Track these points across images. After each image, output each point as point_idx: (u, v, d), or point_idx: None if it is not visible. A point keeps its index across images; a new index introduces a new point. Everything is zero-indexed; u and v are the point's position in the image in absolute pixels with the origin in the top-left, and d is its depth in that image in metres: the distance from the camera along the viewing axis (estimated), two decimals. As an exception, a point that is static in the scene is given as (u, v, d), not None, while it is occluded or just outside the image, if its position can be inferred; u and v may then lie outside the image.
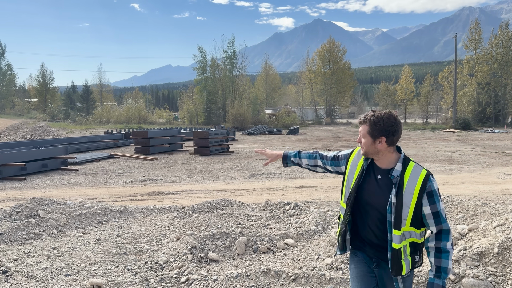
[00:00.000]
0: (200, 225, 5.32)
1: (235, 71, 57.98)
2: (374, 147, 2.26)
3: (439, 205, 2.20)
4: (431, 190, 2.19)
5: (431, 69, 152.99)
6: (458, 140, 29.10)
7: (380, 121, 2.22)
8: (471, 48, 49.68)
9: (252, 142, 28.15)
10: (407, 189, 2.18)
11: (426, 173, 2.21)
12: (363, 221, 2.34)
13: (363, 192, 2.31)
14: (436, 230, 2.21)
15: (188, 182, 11.95)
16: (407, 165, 2.23)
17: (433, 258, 2.23)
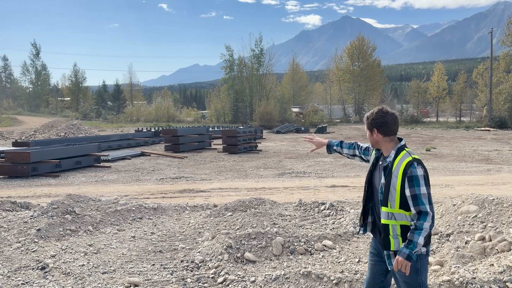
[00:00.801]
0: (235, 224, 5.23)
1: (262, 70, 57.82)
2: (373, 138, 2.68)
3: (419, 189, 2.45)
4: (411, 175, 2.47)
5: (464, 66, 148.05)
6: (494, 139, 27.94)
7: (371, 116, 2.69)
8: (508, 44, 47.54)
9: (279, 140, 27.96)
10: (393, 172, 2.54)
11: (410, 160, 2.52)
12: (374, 204, 2.75)
13: (372, 178, 2.75)
14: (415, 211, 2.47)
15: (218, 180, 11.92)
16: (399, 153, 2.59)
17: (409, 233, 2.48)
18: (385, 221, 2.55)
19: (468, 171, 13.52)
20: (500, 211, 4.19)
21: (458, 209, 4.54)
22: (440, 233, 4.22)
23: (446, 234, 4.17)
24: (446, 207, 4.89)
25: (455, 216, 4.49)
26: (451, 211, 4.66)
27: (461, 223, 4.28)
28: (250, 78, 57.35)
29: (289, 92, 62.91)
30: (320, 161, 16.24)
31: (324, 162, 15.75)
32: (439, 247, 3.98)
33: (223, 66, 60.14)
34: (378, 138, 2.64)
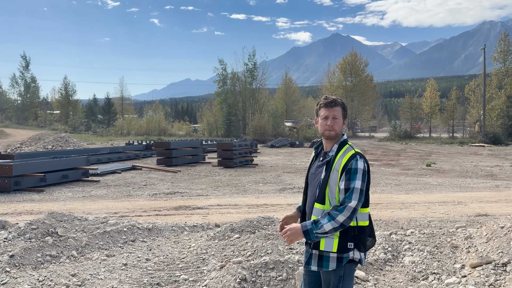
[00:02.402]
0: (245, 249, 4.48)
1: (256, 84, 57.50)
2: (341, 128, 2.48)
3: (354, 183, 2.30)
4: (351, 167, 2.33)
5: (452, 83, 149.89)
6: (491, 155, 27.61)
7: (345, 105, 2.54)
8: (500, 60, 47.95)
9: (274, 154, 27.30)
10: (335, 166, 2.37)
11: (354, 153, 2.38)
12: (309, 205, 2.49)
13: (308, 176, 2.56)
14: (340, 202, 2.30)
15: (215, 195, 11.15)
16: (342, 147, 2.43)
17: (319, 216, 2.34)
18: (315, 217, 2.35)
19: (476, 188, 12.93)
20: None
21: (510, 233, 3.88)
22: (494, 262, 3.56)
23: (502, 264, 3.50)
24: (491, 229, 4.23)
25: (507, 241, 3.83)
26: (499, 234, 4.00)
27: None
28: (243, 92, 56.96)
29: (282, 106, 62.56)
30: (321, 176, 15.55)
31: (325, 177, 15.06)
32: (499, 281, 3.30)
33: (216, 80, 59.73)
34: (341, 129, 2.49)
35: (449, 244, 4.46)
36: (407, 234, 5.21)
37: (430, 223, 7.93)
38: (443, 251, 4.35)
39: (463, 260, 3.98)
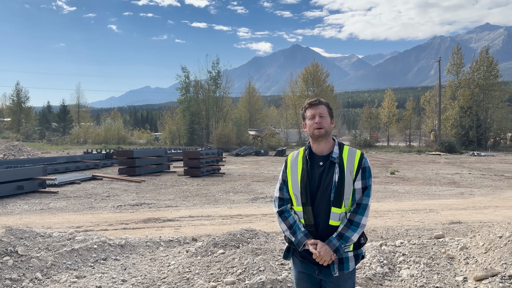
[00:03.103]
0: (233, 267, 4.11)
1: (219, 92, 57.08)
2: (330, 127, 2.45)
3: (370, 181, 2.38)
4: (365, 166, 2.37)
5: (406, 94, 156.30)
6: (448, 163, 28.68)
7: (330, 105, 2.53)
8: (453, 73, 50.39)
9: (241, 163, 26.97)
10: (347, 168, 2.33)
11: (361, 153, 2.42)
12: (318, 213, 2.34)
13: (311, 179, 2.36)
14: (357, 202, 2.33)
15: (186, 206, 10.65)
16: (342, 148, 2.41)
17: (343, 226, 2.30)
18: (335, 222, 2.32)
19: (443, 195, 13.20)
20: None
21: (510, 243, 3.77)
22: (500, 274, 3.41)
23: (509, 276, 3.37)
24: (487, 239, 4.13)
25: (508, 251, 3.71)
26: (499, 244, 3.89)
27: (521, 261, 3.50)
28: (206, 100, 56.36)
29: (246, 115, 62.48)
30: (290, 185, 15.38)
31: (295, 186, 14.90)
32: (510, 295, 3.15)
33: (178, 87, 58.76)
34: (331, 128, 2.47)
35: (445, 255, 4.32)
36: (397, 245, 5.03)
37: (408, 231, 7.88)
38: (440, 263, 4.19)
39: (464, 272, 3.83)
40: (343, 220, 2.32)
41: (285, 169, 2.50)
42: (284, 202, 2.46)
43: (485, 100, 48.21)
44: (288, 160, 2.51)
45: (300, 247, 2.34)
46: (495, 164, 27.12)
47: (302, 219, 2.38)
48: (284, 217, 2.41)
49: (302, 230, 2.34)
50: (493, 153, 40.42)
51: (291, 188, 2.42)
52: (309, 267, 2.38)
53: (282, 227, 2.43)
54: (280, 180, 2.50)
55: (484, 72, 48.24)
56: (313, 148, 2.44)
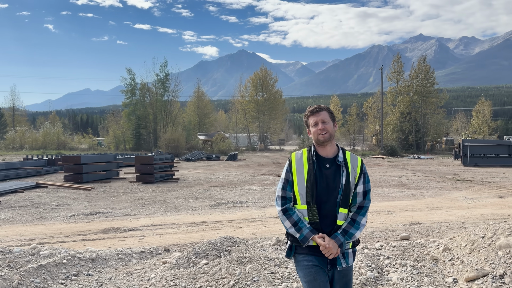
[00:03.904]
0: (223, 278, 3.89)
1: (168, 95, 55.77)
2: (334, 131, 2.53)
3: (369, 185, 2.55)
4: (365, 172, 2.54)
5: (347, 100, 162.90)
6: (392, 166, 30.05)
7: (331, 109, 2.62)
8: (394, 80, 53.19)
9: (193, 168, 26.46)
10: (352, 172, 2.48)
11: (361, 159, 2.57)
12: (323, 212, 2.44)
13: (318, 180, 2.44)
14: (359, 205, 2.49)
15: (145, 215, 10.16)
16: (345, 153, 2.55)
17: (346, 224, 2.45)
18: (341, 222, 2.47)
19: (396, 197, 13.74)
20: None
21: (494, 243, 3.91)
22: (490, 274, 3.51)
23: (499, 275, 3.47)
24: (470, 240, 4.26)
25: (493, 251, 3.84)
26: (483, 245, 4.02)
27: (508, 260, 3.62)
28: (154, 104, 54.83)
29: (195, 119, 61.60)
30: (249, 189, 15.27)
31: (254, 190, 14.81)
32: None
33: (123, 90, 56.65)
34: (334, 132, 2.55)
35: (429, 257, 4.40)
36: (378, 248, 5.08)
37: (373, 233, 8.05)
38: (426, 265, 4.26)
39: (451, 273, 3.92)
40: (346, 220, 2.47)
41: (290, 168, 2.54)
42: (287, 200, 2.50)
43: (423, 106, 51.31)
44: (292, 160, 2.55)
45: (305, 243, 2.42)
46: (435, 167, 28.84)
47: (306, 217, 2.46)
48: (288, 215, 2.46)
49: (307, 226, 2.42)
50: (431, 156, 43.04)
51: (297, 187, 2.48)
52: (320, 260, 2.47)
53: (286, 225, 2.48)
54: (283, 179, 2.54)
55: (422, 79, 51.36)
56: (318, 151, 2.52)
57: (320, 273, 2.44)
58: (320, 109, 2.56)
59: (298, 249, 2.49)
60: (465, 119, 74.42)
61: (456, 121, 74.79)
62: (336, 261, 2.44)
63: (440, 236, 7.73)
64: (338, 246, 2.38)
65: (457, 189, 15.88)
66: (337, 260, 2.44)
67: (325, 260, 2.45)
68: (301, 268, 2.48)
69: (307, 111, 2.60)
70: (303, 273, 2.47)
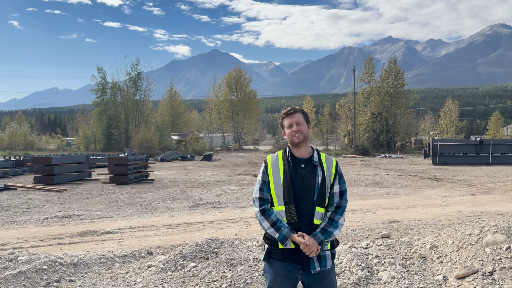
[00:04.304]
0: (214, 281, 3.80)
1: (140, 95, 54.74)
2: (308, 132, 2.57)
3: (345, 185, 2.58)
4: (340, 172, 2.57)
5: (319, 101, 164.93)
6: (364, 165, 30.60)
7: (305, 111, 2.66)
8: (365, 81, 54.23)
9: (168, 169, 26.08)
10: (327, 172, 2.51)
11: (336, 160, 2.61)
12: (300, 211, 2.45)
13: (294, 181, 2.47)
14: (336, 205, 2.51)
15: (122, 217, 9.90)
16: (319, 154, 2.60)
17: (325, 223, 2.46)
18: (318, 221, 2.48)
19: (372, 195, 13.95)
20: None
21: (481, 240, 3.99)
22: (480, 271, 3.57)
23: (489, 272, 3.53)
24: (457, 237, 4.33)
25: (480, 248, 3.92)
26: (470, 242, 4.10)
27: (495, 257, 3.71)
28: (125, 103, 53.70)
29: (168, 119, 60.75)
30: (227, 189, 15.16)
31: (232, 191, 14.71)
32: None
33: (93, 89, 55.25)
34: (309, 133, 2.60)
35: (417, 255, 4.46)
36: (365, 246, 5.11)
37: (354, 232, 8.13)
38: (414, 263, 4.31)
39: (441, 271, 3.97)
40: (324, 219, 2.48)
41: (266, 170, 2.56)
42: (265, 202, 2.51)
43: (393, 106, 52.53)
44: (268, 162, 2.58)
45: (284, 242, 2.40)
46: (406, 165, 29.57)
47: (284, 217, 2.46)
48: (267, 215, 2.45)
49: (286, 226, 2.41)
50: (402, 155, 44.13)
51: (273, 188, 2.49)
52: (292, 267, 2.45)
53: (265, 225, 2.46)
54: (260, 181, 2.56)
55: (392, 81, 52.58)
56: (293, 152, 2.56)
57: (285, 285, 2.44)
58: (295, 111, 2.59)
59: (274, 254, 2.49)
60: (433, 119, 76.81)
61: (425, 121, 77.05)
62: (310, 265, 2.43)
63: (419, 233, 7.90)
64: (318, 244, 2.38)
65: (430, 187, 16.30)
66: (310, 264, 2.43)
67: (296, 267, 2.44)
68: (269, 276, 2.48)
69: (282, 113, 2.63)
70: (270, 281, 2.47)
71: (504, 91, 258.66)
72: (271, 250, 2.50)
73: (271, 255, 2.50)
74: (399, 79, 52.47)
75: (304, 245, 2.35)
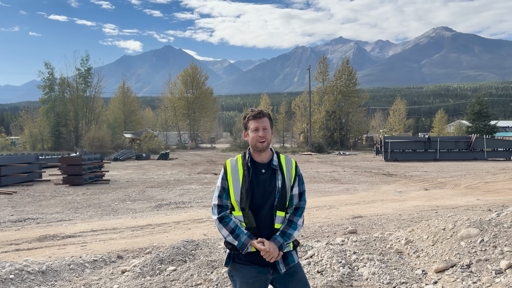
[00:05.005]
0: (198, 285, 3.67)
1: (90, 91, 52.54)
2: (271, 138, 2.54)
3: (303, 186, 2.57)
4: (299, 174, 2.56)
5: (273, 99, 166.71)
6: (321, 162, 31.32)
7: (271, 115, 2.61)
8: (320, 80, 55.49)
9: (123, 168, 25.25)
10: (287, 175, 2.48)
11: (295, 161, 2.59)
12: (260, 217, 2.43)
13: (254, 186, 2.43)
14: (295, 206, 2.50)
15: (81, 219, 9.43)
16: (279, 156, 2.56)
17: (284, 225, 2.46)
18: (278, 225, 2.46)
19: (333, 191, 14.27)
20: (505, 233, 3.94)
21: (456, 234, 4.16)
22: (458, 264, 3.72)
23: (466, 265, 3.69)
24: (431, 232, 4.49)
25: (456, 242, 4.08)
26: (445, 236, 4.26)
27: (471, 250, 3.88)
28: (75, 100, 51.37)
29: (120, 116, 58.80)
30: (189, 188, 14.90)
31: (194, 190, 14.49)
32: (477, 283, 3.43)
33: (40, 85, 52.37)
34: (271, 139, 2.57)
35: (393, 250, 4.58)
36: (340, 243, 5.18)
37: (322, 228, 8.26)
38: (392, 258, 4.43)
39: (419, 265, 4.10)
40: (284, 222, 2.48)
41: (225, 176, 2.50)
42: (224, 208, 2.47)
43: (346, 105, 54.15)
44: (227, 167, 2.52)
45: (244, 249, 2.37)
46: (360, 162, 30.58)
47: (243, 222, 2.43)
48: (225, 223, 2.41)
49: (245, 232, 2.38)
50: (355, 152, 45.61)
51: (233, 194, 2.45)
52: (261, 270, 2.43)
53: (223, 233, 2.42)
54: (219, 187, 2.50)
55: (345, 80, 54.14)
56: (254, 157, 2.52)
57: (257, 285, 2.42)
58: (263, 115, 2.53)
59: (236, 257, 2.45)
60: (383, 118, 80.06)
61: (375, 119, 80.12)
62: (277, 266, 2.43)
63: (383, 228, 8.16)
64: (278, 248, 2.37)
65: (385, 183, 16.94)
66: (277, 265, 2.42)
67: (266, 269, 2.42)
68: (237, 280, 2.43)
69: (249, 114, 2.55)
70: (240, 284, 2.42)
71: (446, 91, 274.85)
72: (233, 255, 2.46)
73: (233, 260, 2.46)
74: (351, 78, 54.14)
75: (264, 251, 2.33)
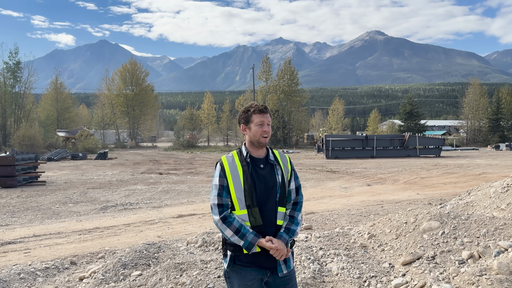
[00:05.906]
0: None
1: (20, 87, 48.72)
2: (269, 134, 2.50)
3: (298, 181, 2.56)
4: (293, 168, 2.57)
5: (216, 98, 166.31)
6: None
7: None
8: (263, 79, 56.08)
9: (58, 169, 23.76)
10: (284, 170, 2.47)
11: (288, 156, 2.60)
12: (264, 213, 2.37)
13: (255, 182, 2.37)
14: (293, 201, 2.49)
15: (20, 224, 8.70)
16: (273, 151, 2.53)
17: (286, 222, 2.43)
18: (280, 222, 2.42)
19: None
20: (463, 225, 4.18)
21: (418, 227, 4.34)
22: (424, 256, 3.87)
23: (431, 257, 3.85)
24: (393, 226, 4.65)
25: (419, 235, 4.25)
26: (408, 230, 4.42)
27: (434, 242, 4.05)
28: (2, 96, 47.39)
29: (53, 114, 55.23)
30: (134, 189, 14.33)
31: (141, 190, 13.95)
32: (444, 274, 3.59)
33: (-40, 80, 47.60)
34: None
35: (358, 244, 4.69)
36: (304, 239, 5.22)
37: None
38: (357, 253, 4.52)
39: (385, 258, 4.23)
40: (285, 218, 2.44)
41: (224, 173, 2.39)
42: (224, 207, 2.35)
43: (289, 104, 55.26)
44: (224, 164, 2.41)
45: (251, 249, 2.29)
46: (303, 160, 31.32)
47: (247, 221, 2.34)
48: (228, 223, 2.31)
49: (251, 232, 2.30)
50: (297, 150, 46.66)
51: (234, 192, 2.35)
52: (259, 272, 2.36)
53: (227, 234, 2.31)
54: (218, 185, 2.38)
55: (287, 80, 55.22)
56: (251, 153, 2.46)
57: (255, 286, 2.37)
58: (268, 110, 2.50)
59: (237, 259, 2.36)
60: (322, 117, 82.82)
61: (315, 118, 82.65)
62: (276, 268, 2.37)
63: (336, 223, 8.37)
64: (285, 245, 2.33)
65: (330, 179, 17.49)
66: (277, 267, 2.37)
67: (264, 272, 2.37)
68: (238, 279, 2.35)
69: (254, 108, 2.47)
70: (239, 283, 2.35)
71: (379, 92, 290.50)
72: (234, 257, 2.36)
73: (235, 262, 2.36)
74: (293, 78, 55.33)
75: (275, 249, 2.27)
